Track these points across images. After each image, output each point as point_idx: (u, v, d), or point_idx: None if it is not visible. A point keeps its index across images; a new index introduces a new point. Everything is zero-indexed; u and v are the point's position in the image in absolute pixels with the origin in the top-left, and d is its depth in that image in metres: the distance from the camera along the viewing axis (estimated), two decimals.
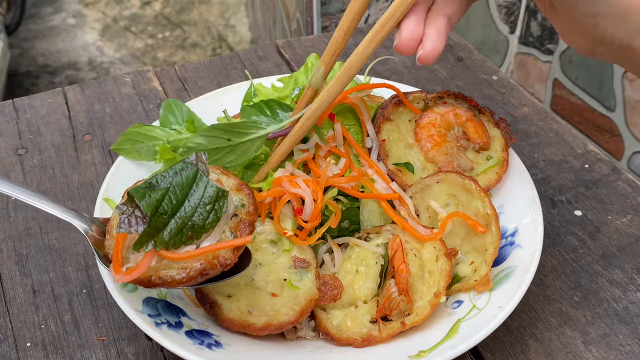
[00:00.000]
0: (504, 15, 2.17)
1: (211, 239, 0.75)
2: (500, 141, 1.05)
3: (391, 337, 0.84)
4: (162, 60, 3.50)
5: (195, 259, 0.73)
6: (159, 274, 0.73)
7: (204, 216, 0.74)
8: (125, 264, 0.74)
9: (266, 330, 0.83)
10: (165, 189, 0.73)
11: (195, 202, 0.74)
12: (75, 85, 1.47)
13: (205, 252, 0.73)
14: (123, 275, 0.72)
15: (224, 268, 0.74)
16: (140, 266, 0.72)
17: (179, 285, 0.73)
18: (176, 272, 0.73)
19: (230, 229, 0.77)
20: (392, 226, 0.94)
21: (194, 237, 0.73)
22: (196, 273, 0.73)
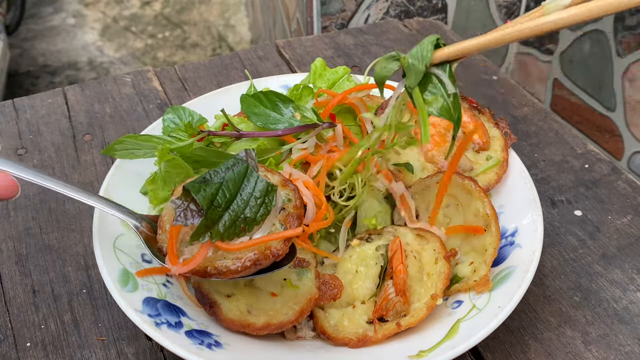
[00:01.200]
0: (504, 15, 2.17)
1: (262, 231, 0.79)
2: (500, 141, 1.05)
3: (386, 337, 0.84)
4: (162, 60, 3.50)
5: (249, 250, 0.77)
6: (214, 265, 0.76)
7: (256, 209, 0.78)
8: (181, 256, 0.77)
9: (266, 329, 0.83)
10: (219, 183, 0.77)
11: (247, 196, 0.78)
12: (75, 85, 1.47)
13: (259, 242, 0.77)
14: (180, 267, 0.76)
15: (276, 258, 0.78)
16: (197, 257, 0.75)
17: (233, 275, 0.76)
18: (231, 262, 0.76)
19: (279, 221, 0.80)
20: (394, 227, 0.94)
21: (247, 229, 0.77)
22: (250, 263, 0.76)
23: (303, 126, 0.98)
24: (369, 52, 1.59)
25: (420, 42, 0.76)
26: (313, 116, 0.99)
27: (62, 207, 1.15)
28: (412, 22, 1.73)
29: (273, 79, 1.23)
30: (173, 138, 1.03)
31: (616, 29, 1.81)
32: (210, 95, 1.18)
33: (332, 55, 1.58)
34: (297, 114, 1.00)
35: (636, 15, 1.74)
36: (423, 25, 1.71)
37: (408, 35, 1.67)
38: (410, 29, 1.69)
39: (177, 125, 1.08)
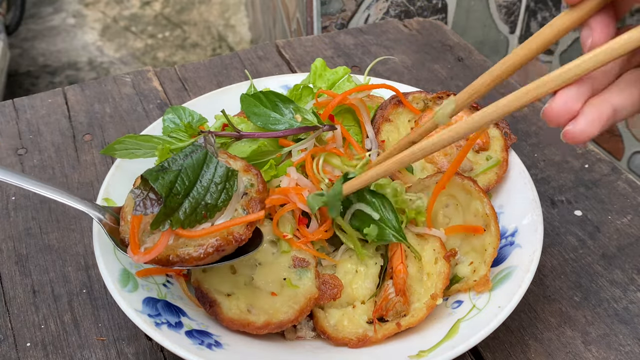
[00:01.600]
0: (504, 15, 2.17)
1: (224, 217, 0.78)
2: (499, 141, 1.05)
3: (386, 337, 0.84)
4: (162, 60, 3.50)
5: (210, 236, 0.76)
6: (176, 252, 0.76)
7: (217, 195, 0.78)
8: (143, 246, 0.77)
9: (266, 328, 0.83)
10: (177, 170, 0.76)
11: (207, 182, 0.78)
12: (75, 85, 1.47)
13: (220, 228, 0.76)
14: (142, 256, 0.75)
15: (239, 243, 0.77)
16: (158, 245, 0.75)
17: (196, 262, 0.76)
18: (193, 249, 0.76)
19: (242, 206, 0.80)
20: None
21: (208, 215, 0.77)
22: (213, 249, 0.75)
23: (303, 128, 0.98)
24: (369, 52, 1.59)
25: (334, 185, 0.87)
26: (314, 118, 0.99)
27: (62, 207, 1.15)
28: (412, 22, 1.73)
29: (273, 79, 1.23)
30: (173, 138, 1.03)
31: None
32: (210, 95, 1.18)
33: (332, 55, 1.58)
34: (298, 116, 1.00)
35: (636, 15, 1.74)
36: (423, 25, 1.71)
37: (408, 35, 1.67)
38: (410, 29, 1.69)
39: (177, 126, 1.08)
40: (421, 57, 1.58)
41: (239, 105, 1.09)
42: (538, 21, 2.13)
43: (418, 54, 1.59)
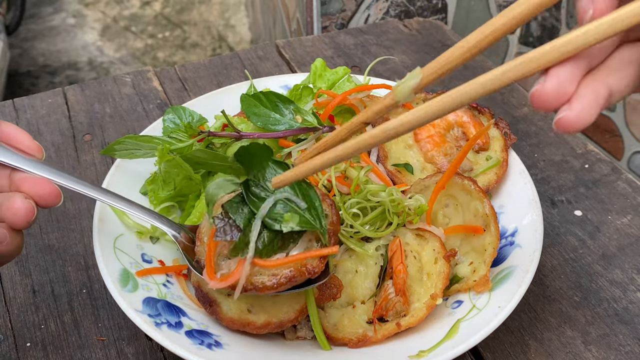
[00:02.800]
0: None
1: (298, 248, 0.79)
2: (499, 141, 1.05)
3: (386, 338, 0.84)
4: (162, 60, 3.50)
5: (285, 266, 0.77)
6: (251, 280, 0.76)
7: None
8: (218, 271, 0.77)
9: (266, 328, 0.83)
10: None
11: None
12: (75, 85, 1.47)
13: (295, 260, 0.77)
14: (218, 281, 0.76)
15: (312, 275, 0.78)
16: (235, 273, 0.75)
17: (268, 291, 0.76)
18: (267, 278, 0.77)
19: (315, 238, 0.80)
20: None
21: (284, 246, 0.77)
22: (286, 280, 0.76)
23: (303, 128, 0.98)
24: (369, 52, 1.59)
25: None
26: (314, 119, 0.99)
27: (62, 207, 1.15)
28: (412, 22, 1.73)
29: (273, 79, 1.23)
30: (173, 139, 1.03)
31: None
32: (210, 95, 1.18)
33: (332, 55, 1.58)
34: (298, 117, 1.00)
35: None
36: (423, 25, 1.71)
37: (408, 35, 1.67)
38: (410, 29, 1.69)
39: (177, 126, 1.08)
40: (421, 57, 1.58)
41: (239, 105, 1.09)
42: (538, 21, 2.13)
43: (418, 54, 1.59)
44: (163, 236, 0.97)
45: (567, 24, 2.01)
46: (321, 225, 0.78)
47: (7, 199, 0.72)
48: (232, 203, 0.77)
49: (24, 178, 0.75)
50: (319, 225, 0.78)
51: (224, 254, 0.79)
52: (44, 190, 0.74)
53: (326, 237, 0.78)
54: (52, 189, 0.75)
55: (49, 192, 0.74)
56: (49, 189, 0.75)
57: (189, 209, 0.98)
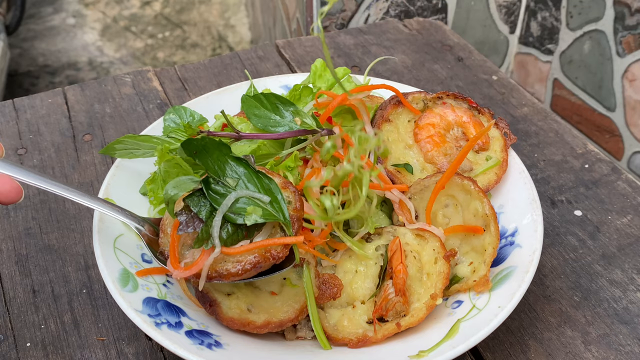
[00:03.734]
0: (504, 15, 2.17)
1: (262, 235, 0.80)
2: (499, 141, 1.05)
3: (386, 338, 0.84)
4: (162, 60, 3.50)
5: (249, 253, 0.79)
6: (215, 268, 0.78)
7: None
8: (182, 260, 0.80)
9: (266, 327, 0.83)
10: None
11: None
12: (75, 85, 1.47)
13: (259, 246, 0.79)
14: (182, 271, 0.78)
15: (276, 261, 0.80)
16: (198, 262, 0.77)
17: (233, 278, 0.78)
18: (232, 265, 0.78)
19: (279, 224, 0.82)
20: (393, 227, 0.94)
21: (249, 235, 0.80)
22: (251, 266, 0.78)
23: (302, 131, 0.98)
24: (369, 52, 1.59)
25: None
26: (313, 122, 0.99)
27: (62, 207, 1.15)
28: (412, 22, 1.73)
29: (273, 79, 1.23)
30: (172, 138, 1.03)
31: (616, 29, 1.81)
32: (210, 95, 1.18)
33: (332, 55, 1.58)
34: (297, 119, 1.00)
35: (636, 16, 1.74)
36: (423, 25, 1.71)
37: (408, 35, 1.67)
38: (410, 29, 1.69)
39: (178, 125, 1.08)
40: (421, 57, 1.58)
41: (238, 105, 1.09)
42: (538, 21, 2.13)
43: (418, 54, 1.59)
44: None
45: (567, 24, 2.01)
46: (284, 217, 0.80)
47: None
48: (193, 197, 0.80)
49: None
50: (282, 217, 0.80)
51: (187, 244, 0.81)
52: (4, 187, 0.75)
53: (290, 228, 0.81)
54: (14, 185, 0.76)
55: (9, 188, 0.75)
56: (10, 185, 0.75)
57: None
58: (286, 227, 0.81)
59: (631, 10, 1.75)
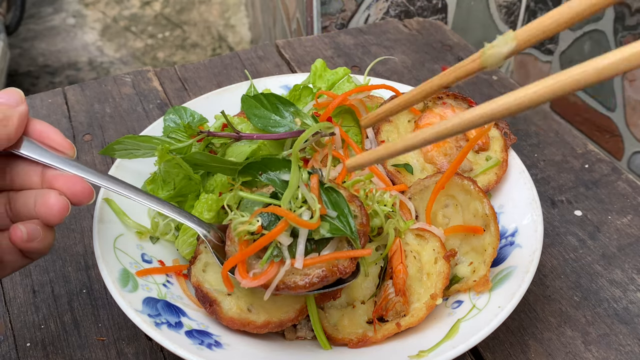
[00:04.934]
0: (504, 15, 2.17)
1: (329, 248, 0.80)
2: (499, 142, 1.05)
3: (386, 338, 0.84)
4: (162, 60, 3.50)
5: (316, 266, 0.78)
6: (283, 280, 0.78)
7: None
8: (250, 270, 0.79)
9: (266, 327, 0.83)
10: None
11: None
12: (75, 85, 1.47)
13: (327, 259, 0.78)
14: (250, 280, 0.77)
15: (343, 275, 0.79)
16: (268, 272, 0.77)
17: (300, 290, 0.78)
18: (299, 277, 0.78)
19: (346, 238, 0.81)
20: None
21: (317, 249, 0.79)
22: (318, 279, 0.78)
23: (301, 131, 0.98)
24: (369, 52, 1.59)
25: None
26: (313, 123, 0.99)
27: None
28: (412, 22, 1.73)
29: (273, 79, 1.23)
30: (172, 139, 1.03)
31: (616, 29, 1.81)
32: (210, 95, 1.18)
33: (332, 55, 1.58)
34: (298, 120, 1.00)
35: (636, 16, 1.74)
36: (423, 25, 1.71)
37: (408, 35, 1.67)
38: (410, 29, 1.69)
39: (178, 125, 1.08)
40: (421, 57, 1.58)
41: (239, 105, 1.09)
42: None
43: (418, 54, 1.59)
44: (163, 236, 0.97)
45: None
46: (351, 231, 0.80)
47: (41, 195, 0.73)
48: (264, 214, 0.80)
49: (57, 175, 0.75)
50: (349, 231, 0.80)
51: (255, 254, 0.80)
52: (76, 188, 0.75)
53: (358, 241, 0.80)
54: (85, 187, 0.76)
55: (81, 189, 0.75)
56: (82, 186, 0.75)
57: (188, 208, 0.98)
58: (354, 242, 0.80)
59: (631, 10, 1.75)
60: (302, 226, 0.77)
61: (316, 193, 0.80)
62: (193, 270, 0.87)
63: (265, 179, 0.84)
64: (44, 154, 0.76)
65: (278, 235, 0.77)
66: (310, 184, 0.81)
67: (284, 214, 0.76)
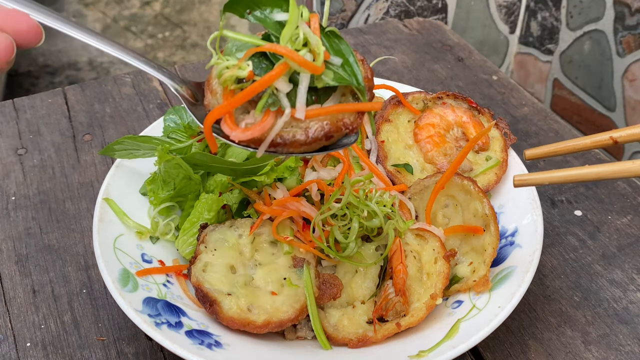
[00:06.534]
0: (504, 15, 2.17)
1: (332, 101, 0.69)
2: (499, 142, 1.05)
3: (386, 338, 0.84)
4: (162, 60, 3.50)
5: (319, 119, 0.67)
6: (280, 133, 0.67)
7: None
8: (243, 121, 0.67)
9: (266, 327, 0.83)
10: None
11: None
12: (75, 85, 1.47)
13: (333, 111, 0.67)
14: (242, 132, 0.66)
15: (349, 131, 0.69)
16: (264, 122, 0.65)
17: (300, 147, 0.67)
18: (300, 131, 0.67)
19: (350, 92, 0.71)
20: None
21: (318, 101, 0.68)
22: (322, 134, 0.67)
23: None
24: (369, 52, 1.59)
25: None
26: None
27: (62, 207, 1.15)
28: (412, 22, 1.73)
29: None
30: (172, 139, 1.03)
31: (616, 29, 1.81)
32: None
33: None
34: None
35: (636, 16, 1.74)
36: (423, 25, 1.71)
37: (408, 35, 1.67)
38: (410, 29, 1.69)
39: (178, 126, 1.08)
40: (421, 57, 1.58)
41: None
42: (538, 21, 2.13)
43: (418, 54, 1.59)
44: (163, 236, 0.97)
45: (567, 24, 2.01)
46: (357, 81, 0.69)
47: None
48: (255, 58, 0.67)
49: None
50: (355, 81, 0.69)
51: (242, 106, 0.68)
52: (21, 26, 0.62)
53: (365, 94, 0.69)
54: (32, 24, 0.63)
55: (27, 28, 0.62)
56: (28, 24, 0.62)
57: (188, 208, 0.98)
58: (360, 94, 0.69)
59: (631, 10, 1.75)
60: (307, 68, 0.65)
61: (317, 35, 0.68)
62: (193, 270, 0.87)
63: (254, 18, 0.70)
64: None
65: (276, 80, 0.65)
66: (310, 24, 0.69)
67: (285, 52, 0.64)
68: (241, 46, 0.69)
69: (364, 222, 0.89)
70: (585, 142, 0.84)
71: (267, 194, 0.93)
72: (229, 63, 0.67)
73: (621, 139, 0.80)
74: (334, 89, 0.69)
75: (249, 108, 0.68)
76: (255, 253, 0.90)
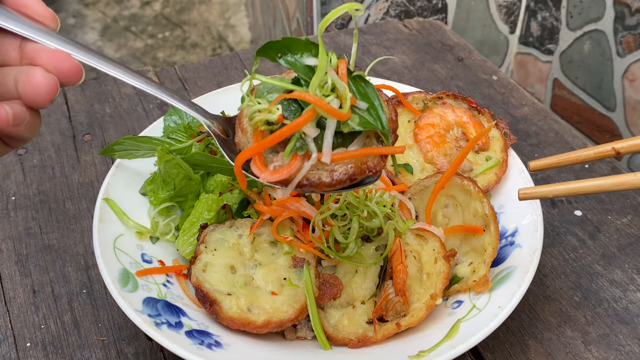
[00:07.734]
0: (504, 15, 2.17)
1: (355, 144, 0.71)
2: (499, 142, 1.05)
3: (386, 338, 0.84)
4: (162, 60, 3.50)
5: (344, 162, 0.70)
6: (307, 175, 0.69)
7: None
8: (272, 164, 0.70)
9: (266, 327, 0.83)
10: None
11: None
12: (75, 85, 1.46)
13: (357, 155, 0.70)
14: (270, 174, 0.68)
15: (372, 174, 0.71)
16: (291, 165, 0.68)
17: (325, 188, 0.70)
18: (326, 174, 0.70)
19: (374, 135, 0.73)
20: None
21: (344, 144, 0.70)
22: (346, 176, 0.69)
23: None
24: (369, 52, 1.59)
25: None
26: None
27: (62, 207, 1.15)
28: (412, 22, 1.73)
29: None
30: (172, 139, 1.03)
31: (616, 29, 1.81)
32: (210, 95, 1.18)
33: None
34: None
35: (636, 16, 1.74)
36: (423, 25, 1.71)
37: (408, 35, 1.67)
38: (410, 29, 1.69)
39: (178, 126, 1.08)
40: (421, 57, 1.58)
41: (238, 105, 1.08)
42: (538, 21, 2.13)
43: (418, 54, 1.59)
44: (163, 236, 0.97)
45: (567, 24, 2.01)
46: (382, 125, 0.71)
47: (23, 73, 0.61)
48: (284, 103, 0.70)
49: (39, 50, 0.63)
50: (380, 125, 0.70)
51: (270, 148, 0.70)
52: (63, 65, 0.63)
53: (389, 137, 0.71)
54: (73, 63, 0.64)
55: (69, 67, 0.63)
56: (70, 63, 0.63)
57: (188, 209, 0.98)
58: (384, 138, 0.71)
59: (631, 10, 1.75)
60: (333, 115, 0.67)
61: (345, 81, 0.70)
62: (193, 270, 0.87)
63: (285, 62, 0.73)
64: (22, 24, 0.62)
65: (304, 125, 0.67)
66: (339, 70, 0.70)
67: (313, 100, 0.66)
68: (272, 89, 0.72)
69: (364, 222, 0.89)
70: (588, 154, 0.88)
71: (267, 194, 0.93)
72: (260, 107, 0.69)
73: (623, 150, 0.84)
74: (359, 131, 0.71)
75: (278, 148, 0.70)
76: (255, 253, 0.90)
